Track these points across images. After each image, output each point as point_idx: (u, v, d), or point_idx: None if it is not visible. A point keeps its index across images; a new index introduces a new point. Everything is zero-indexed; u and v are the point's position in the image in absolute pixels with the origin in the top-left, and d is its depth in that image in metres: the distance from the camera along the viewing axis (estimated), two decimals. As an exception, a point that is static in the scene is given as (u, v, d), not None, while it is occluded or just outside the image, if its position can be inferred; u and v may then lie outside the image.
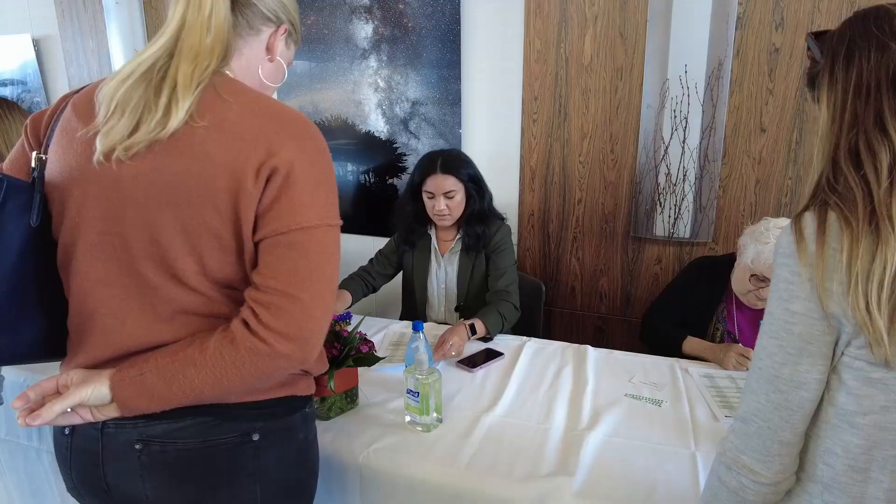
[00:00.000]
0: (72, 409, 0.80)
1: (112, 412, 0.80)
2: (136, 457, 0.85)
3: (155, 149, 0.80)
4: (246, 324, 0.78)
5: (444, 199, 1.92)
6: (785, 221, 1.65)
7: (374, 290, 2.15)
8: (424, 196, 1.97)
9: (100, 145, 0.80)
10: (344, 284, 2.09)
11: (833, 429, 0.74)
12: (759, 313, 1.75)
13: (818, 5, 1.95)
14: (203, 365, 0.78)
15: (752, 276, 1.68)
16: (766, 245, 1.62)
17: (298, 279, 0.78)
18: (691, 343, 1.74)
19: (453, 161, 1.95)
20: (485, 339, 1.81)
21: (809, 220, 0.72)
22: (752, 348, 1.63)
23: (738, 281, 1.75)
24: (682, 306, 1.87)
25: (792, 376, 0.73)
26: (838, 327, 0.71)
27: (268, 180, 0.79)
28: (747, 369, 1.59)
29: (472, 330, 1.75)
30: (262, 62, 0.94)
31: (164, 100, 0.79)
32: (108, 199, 0.82)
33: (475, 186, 1.97)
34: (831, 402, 0.74)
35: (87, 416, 0.80)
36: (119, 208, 0.82)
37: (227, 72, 0.88)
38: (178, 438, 0.84)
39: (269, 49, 0.94)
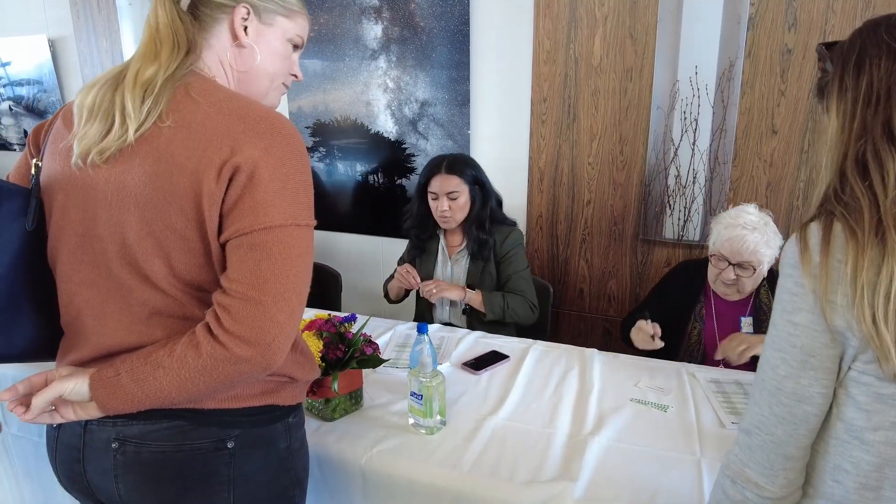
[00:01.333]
0: (55, 408, 0.81)
1: (93, 411, 0.81)
2: (113, 456, 0.86)
3: (126, 151, 0.81)
4: (209, 328, 0.77)
5: (447, 199, 1.93)
6: (751, 207, 1.65)
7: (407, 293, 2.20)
8: (429, 197, 1.98)
9: (76, 149, 0.82)
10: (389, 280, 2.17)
11: (842, 444, 0.72)
12: (737, 307, 1.73)
13: (832, 5, 1.92)
14: (170, 368, 0.77)
15: (712, 255, 1.67)
16: (720, 223, 1.64)
17: (260, 281, 0.76)
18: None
19: (459, 162, 1.97)
20: (483, 318, 1.93)
21: (815, 230, 0.71)
22: (735, 344, 1.61)
23: (709, 270, 1.76)
24: (659, 309, 1.85)
25: (795, 389, 0.71)
26: (843, 341, 0.69)
27: (231, 179, 0.78)
28: (649, 341, 1.59)
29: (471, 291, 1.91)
30: (229, 49, 0.89)
31: (124, 103, 0.81)
32: (85, 203, 0.84)
33: (479, 190, 1.97)
34: (840, 417, 0.72)
35: (68, 416, 0.81)
36: (94, 211, 0.83)
37: (204, 67, 0.88)
38: (152, 441, 0.85)
39: (234, 34, 0.89)
